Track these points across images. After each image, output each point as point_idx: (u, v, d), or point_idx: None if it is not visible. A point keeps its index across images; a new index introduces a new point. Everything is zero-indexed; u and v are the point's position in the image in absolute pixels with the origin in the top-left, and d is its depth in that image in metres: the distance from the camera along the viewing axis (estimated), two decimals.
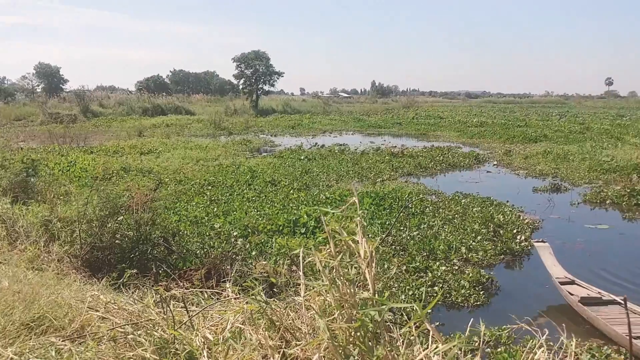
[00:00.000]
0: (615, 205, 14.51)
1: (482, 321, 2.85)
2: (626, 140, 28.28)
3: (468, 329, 2.28)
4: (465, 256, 9.57)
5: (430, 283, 8.24)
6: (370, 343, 1.67)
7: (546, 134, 32.21)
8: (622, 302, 7.44)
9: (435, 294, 7.86)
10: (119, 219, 7.97)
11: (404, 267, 8.74)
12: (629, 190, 15.05)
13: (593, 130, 34.87)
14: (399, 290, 7.85)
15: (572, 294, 7.60)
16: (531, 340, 4.83)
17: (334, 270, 1.91)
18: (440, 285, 8.20)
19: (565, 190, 16.55)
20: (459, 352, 2.09)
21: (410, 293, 7.79)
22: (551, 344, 3.21)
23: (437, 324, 7.05)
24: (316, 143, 29.26)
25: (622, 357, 5.90)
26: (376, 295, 1.75)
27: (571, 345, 2.81)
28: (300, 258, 2.22)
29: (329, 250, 1.99)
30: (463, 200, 13.97)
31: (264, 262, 8.02)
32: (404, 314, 6.33)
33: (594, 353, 6.05)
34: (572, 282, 8.02)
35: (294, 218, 11.12)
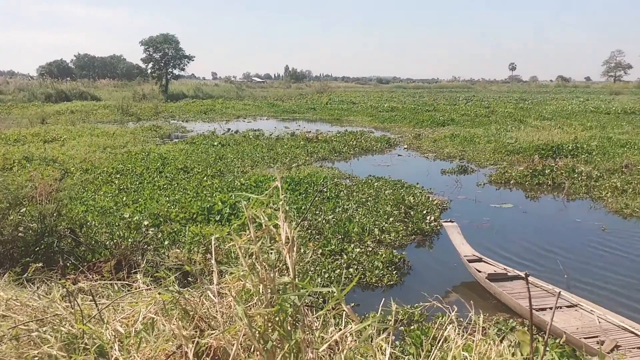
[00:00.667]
0: (519, 185, 15.25)
1: (394, 300, 2.91)
2: (528, 123, 29.76)
3: (380, 308, 2.32)
4: (378, 237, 9.77)
5: (345, 265, 8.36)
6: (289, 327, 1.66)
7: (453, 117, 33.34)
8: (525, 277, 7.86)
9: (350, 276, 7.99)
10: (21, 210, 7.56)
11: (320, 251, 8.81)
12: (531, 171, 15.86)
13: (498, 113, 36.43)
14: (316, 273, 7.91)
15: (479, 271, 7.93)
16: (442, 317, 5.01)
17: (254, 255, 1.88)
18: (355, 266, 8.33)
19: (472, 172, 17.24)
20: (373, 331, 2.12)
21: (326, 276, 7.87)
22: (461, 319, 3.33)
23: (353, 304, 7.15)
24: (230, 129, 28.88)
25: (526, 328, 6.21)
26: (296, 279, 1.74)
27: (479, 320, 2.92)
28: (212, 244, 2.18)
29: (248, 236, 1.96)
30: (376, 184, 14.24)
31: (178, 251, 7.88)
32: (319, 297, 6.39)
33: (501, 327, 6.35)
34: (479, 260, 8.38)
35: (208, 205, 10.94)
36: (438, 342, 2.63)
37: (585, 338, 5.96)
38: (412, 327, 6.25)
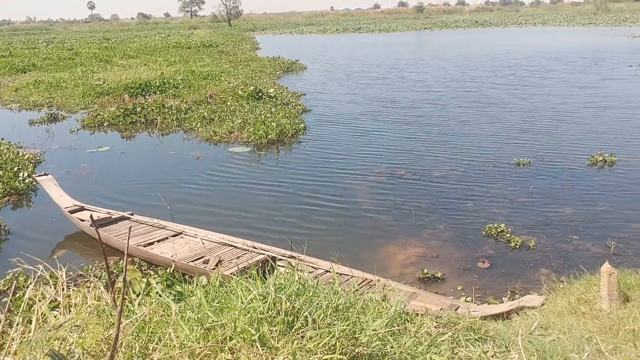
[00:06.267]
0: (113, 126, 15.16)
1: None
2: (115, 62, 29.51)
3: None
4: None
5: None
6: None
7: (35, 63, 30.94)
8: (130, 216, 7.98)
9: None
10: None
11: None
12: (123, 110, 15.87)
13: (82, 55, 35.12)
14: None
15: (83, 220, 7.72)
16: (51, 277, 4.76)
17: None
18: None
19: (63, 119, 16.46)
20: None
21: None
22: (71, 273, 3.21)
23: None
24: None
25: (135, 266, 6.37)
26: None
27: (61, 274, 2.86)
28: None
29: None
30: None
31: None
32: None
33: (113, 269, 6.37)
34: (81, 209, 8.12)
35: None
36: (22, 307, 2.49)
37: (193, 261, 6.41)
38: (17, 295, 5.79)
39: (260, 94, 17.64)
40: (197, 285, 3.50)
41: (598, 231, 7.33)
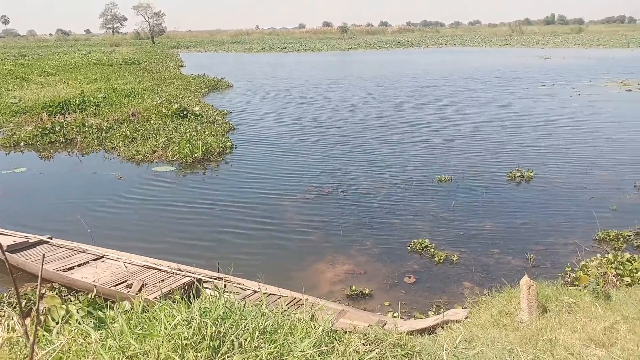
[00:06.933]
0: (30, 147, 14.53)
1: None
2: (32, 80, 28.32)
3: None
4: None
5: None
6: None
7: None
8: (49, 240, 7.65)
9: None
10: None
11: None
12: (41, 130, 15.26)
13: None
14: None
15: None
16: None
17: None
18: None
19: None
20: None
21: None
22: None
23: None
24: None
25: (55, 292, 6.09)
26: None
27: None
28: None
29: None
30: None
31: None
32: None
33: (30, 297, 6.07)
34: None
35: None
36: None
37: (115, 285, 6.21)
38: None
39: (185, 112, 17.39)
40: (119, 311, 3.38)
41: (518, 244, 7.63)
